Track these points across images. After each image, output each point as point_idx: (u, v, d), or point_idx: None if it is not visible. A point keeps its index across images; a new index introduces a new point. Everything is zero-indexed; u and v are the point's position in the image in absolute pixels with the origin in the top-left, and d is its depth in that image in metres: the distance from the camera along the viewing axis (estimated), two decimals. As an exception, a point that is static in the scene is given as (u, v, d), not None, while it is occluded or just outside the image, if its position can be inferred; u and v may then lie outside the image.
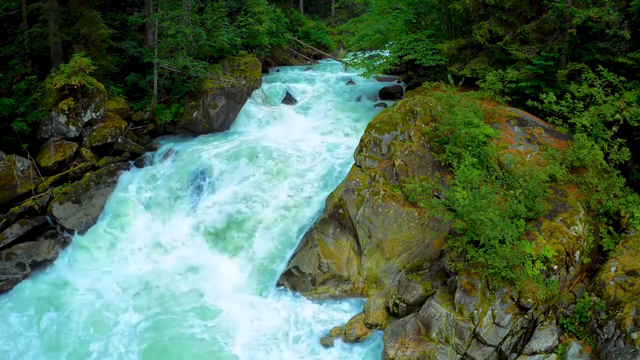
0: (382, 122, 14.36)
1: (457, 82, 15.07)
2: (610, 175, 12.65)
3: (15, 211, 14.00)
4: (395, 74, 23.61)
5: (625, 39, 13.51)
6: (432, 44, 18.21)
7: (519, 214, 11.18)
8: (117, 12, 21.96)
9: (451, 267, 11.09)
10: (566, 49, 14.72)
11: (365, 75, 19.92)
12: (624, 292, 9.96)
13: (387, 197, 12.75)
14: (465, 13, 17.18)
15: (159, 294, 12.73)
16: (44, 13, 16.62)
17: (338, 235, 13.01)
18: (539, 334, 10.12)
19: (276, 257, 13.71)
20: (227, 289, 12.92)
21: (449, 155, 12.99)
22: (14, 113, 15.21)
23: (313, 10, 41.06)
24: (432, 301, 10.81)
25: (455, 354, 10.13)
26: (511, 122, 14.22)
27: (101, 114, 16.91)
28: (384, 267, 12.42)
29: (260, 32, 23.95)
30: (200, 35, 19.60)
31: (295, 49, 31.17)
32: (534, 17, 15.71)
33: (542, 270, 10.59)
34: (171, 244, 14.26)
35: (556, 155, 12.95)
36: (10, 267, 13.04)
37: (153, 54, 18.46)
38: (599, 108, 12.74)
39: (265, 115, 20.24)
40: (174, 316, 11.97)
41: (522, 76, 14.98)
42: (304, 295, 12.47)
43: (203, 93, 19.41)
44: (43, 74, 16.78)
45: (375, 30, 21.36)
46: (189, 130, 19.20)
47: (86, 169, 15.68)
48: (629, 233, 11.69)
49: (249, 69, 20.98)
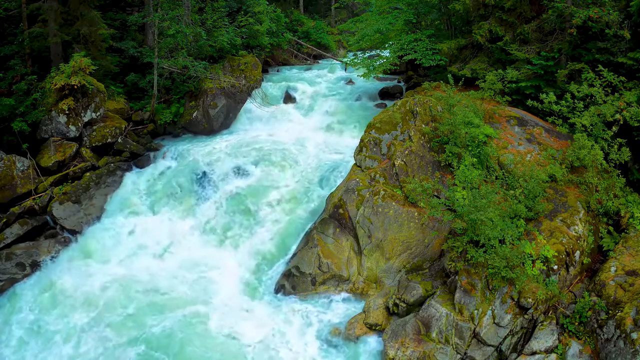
0: (382, 122, 14.37)
1: (457, 82, 15.07)
2: (610, 175, 12.65)
3: (15, 211, 14.00)
4: (395, 74, 23.61)
5: (625, 39, 13.51)
6: (432, 44, 18.21)
7: (519, 214, 11.18)
8: (117, 12, 21.96)
9: (451, 267, 11.09)
10: (566, 49, 14.72)
11: (365, 76, 19.91)
12: (624, 292, 9.96)
13: (387, 197, 12.75)
14: (465, 13, 17.18)
15: (158, 293, 12.72)
16: (44, 13, 16.61)
17: (338, 235, 13.01)
18: (539, 334, 10.12)
19: (276, 256, 13.72)
20: (227, 288, 12.91)
21: (449, 155, 12.99)
22: (14, 113, 15.21)
23: (313, 10, 41.07)
24: (432, 301, 10.81)
25: (455, 354, 10.13)
26: (511, 122, 14.23)
27: (101, 114, 16.92)
28: (384, 267, 12.42)
29: (260, 32, 23.96)
30: (200, 35, 19.61)
31: (295, 49, 31.17)
32: (534, 17, 15.70)
33: (542, 270, 10.59)
34: (171, 243, 14.26)
35: (556, 155, 12.95)
36: (10, 267, 13.04)
37: (153, 54, 18.46)
38: (599, 108, 12.74)
39: (265, 115, 20.25)
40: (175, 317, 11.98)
41: (522, 76, 14.98)
42: (304, 295, 12.47)
43: (203, 93, 19.42)
44: (43, 74, 16.78)
45: (375, 30, 21.35)
46: (189, 130, 19.21)
47: (86, 169, 15.68)
48: (629, 233, 11.69)
49: (249, 69, 21.00)
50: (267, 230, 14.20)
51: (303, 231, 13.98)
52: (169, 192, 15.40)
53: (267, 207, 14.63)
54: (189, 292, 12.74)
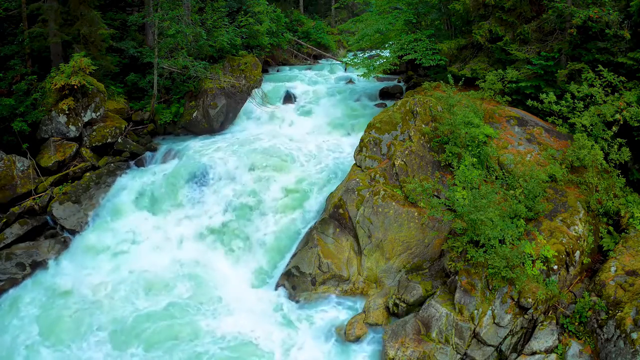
0: (382, 122, 14.37)
1: (457, 82, 15.07)
2: (610, 175, 12.66)
3: (15, 211, 14.00)
4: (395, 74, 23.60)
5: (625, 39, 13.51)
6: (432, 44, 18.20)
7: (519, 214, 11.18)
8: (117, 12, 21.98)
9: (451, 267, 11.09)
10: (566, 48, 14.72)
11: (365, 75, 19.91)
12: (624, 292, 9.96)
13: (387, 197, 12.75)
14: (465, 13, 17.17)
15: (158, 293, 12.73)
16: (44, 13, 16.61)
17: (338, 235, 13.01)
18: (539, 334, 10.12)
19: (275, 256, 13.71)
20: (225, 288, 12.90)
21: (449, 155, 12.99)
22: (14, 113, 15.20)
23: (313, 10, 41.08)
24: (432, 301, 10.82)
25: (455, 354, 10.13)
26: (511, 122, 14.23)
27: (101, 114, 16.92)
28: (384, 267, 12.42)
29: (260, 32, 23.97)
30: (200, 35, 19.61)
31: (295, 49, 31.16)
32: (534, 17, 15.71)
33: (542, 270, 10.59)
34: (171, 243, 14.25)
35: (556, 155, 12.95)
36: (10, 267, 13.04)
37: (153, 54, 18.47)
38: (599, 108, 12.74)
39: (265, 115, 20.25)
40: (173, 317, 11.99)
41: (522, 76, 14.98)
42: (304, 295, 12.47)
43: (203, 93, 19.43)
44: (43, 74, 16.78)
45: (375, 30, 21.35)
46: (189, 130, 19.22)
47: (86, 168, 15.68)
48: (629, 233, 11.69)
49: (249, 69, 21.00)
50: (267, 230, 14.18)
51: (302, 231, 13.97)
52: (168, 193, 15.38)
53: (267, 207, 14.61)
54: (188, 292, 12.74)
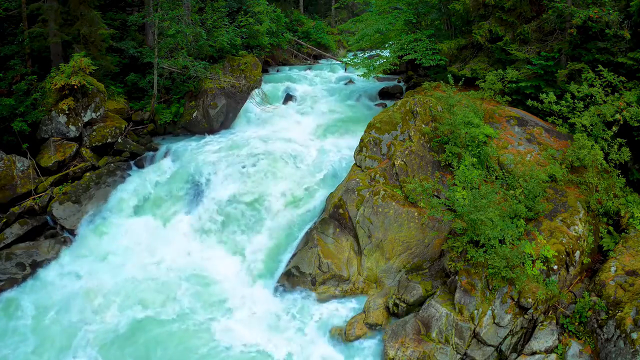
0: (382, 122, 14.37)
1: (457, 82, 15.07)
2: (610, 175, 12.66)
3: (15, 211, 13.99)
4: (395, 74, 23.62)
5: (625, 39, 13.51)
6: (432, 44, 18.21)
7: (519, 214, 11.18)
8: (117, 12, 21.98)
9: (451, 267, 11.09)
10: (566, 48, 14.72)
11: (365, 75, 19.92)
12: (624, 292, 9.96)
13: (387, 197, 12.75)
14: (465, 13, 17.18)
15: (158, 293, 12.72)
16: (44, 13, 16.61)
17: (338, 235, 13.01)
18: (539, 334, 10.12)
19: (275, 256, 13.69)
20: (224, 290, 12.89)
21: (449, 155, 12.99)
22: (14, 113, 15.20)
23: (313, 10, 41.09)
24: (432, 301, 10.82)
25: (455, 354, 10.13)
26: (511, 122, 14.23)
27: (101, 114, 16.92)
28: (384, 267, 12.42)
29: (260, 32, 23.98)
30: (200, 35, 19.61)
31: (295, 49, 31.17)
32: (534, 17, 15.71)
33: (542, 270, 10.59)
34: (171, 243, 14.24)
35: (556, 155, 12.95)
36: (10, 267, 13.03)
37: (153, 54, 18.47)
38: (599, 108, 12.74)
39: (265, 115, 20.25)
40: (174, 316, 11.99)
41: (522, 76, 14.98)
42: (304, 295, 12.46)
43: (203, 93, 19.43)
44: (43, 74, 16.77)
45: (375, 30, 21.37)
46: (189, 130, 19.22)
47: (86, 168, 15.68)
48: (629, 233, 11.69)
49: (249, 69, 21.00)
50: (266, 229, 14.18)
51: (302, 231, 13.97)
52: (167, 193, 15.38)
53: (267, 207, 14.61)
54: (186, 295, 12.73)
